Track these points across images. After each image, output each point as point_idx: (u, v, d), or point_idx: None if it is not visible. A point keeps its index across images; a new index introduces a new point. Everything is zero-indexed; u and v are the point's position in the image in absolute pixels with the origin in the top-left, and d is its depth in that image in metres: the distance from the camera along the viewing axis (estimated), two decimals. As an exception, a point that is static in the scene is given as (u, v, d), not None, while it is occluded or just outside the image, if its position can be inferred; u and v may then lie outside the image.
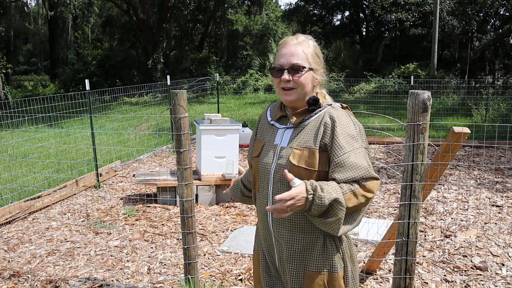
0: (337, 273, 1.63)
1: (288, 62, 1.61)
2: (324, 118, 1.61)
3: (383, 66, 21.14)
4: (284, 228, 1.64)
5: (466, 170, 6.26)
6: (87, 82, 5.63)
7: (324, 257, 1.63)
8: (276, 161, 1.64)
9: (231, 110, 13.44)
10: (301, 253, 1.64)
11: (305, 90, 1.63)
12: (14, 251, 3.89)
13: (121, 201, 5.21)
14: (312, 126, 1.62)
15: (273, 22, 36.57)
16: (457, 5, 20.35)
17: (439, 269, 3.35)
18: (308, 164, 1.57)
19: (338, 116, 1.60)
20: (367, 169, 1.55)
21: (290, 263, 1.66)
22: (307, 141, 1.59)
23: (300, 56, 1.61)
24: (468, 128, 2.09)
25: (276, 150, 1.66)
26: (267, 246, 1.75)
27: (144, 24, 23.10)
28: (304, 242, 1.63)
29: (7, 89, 17.20)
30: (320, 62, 1.67)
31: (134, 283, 3.27)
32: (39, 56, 47.23)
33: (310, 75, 1.63)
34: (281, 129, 1.70)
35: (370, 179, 1.55)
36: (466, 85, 14.03)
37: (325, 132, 1.58)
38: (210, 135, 5.00)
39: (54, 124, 8.42)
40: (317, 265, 1.63)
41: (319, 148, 1.58)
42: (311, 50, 1.64)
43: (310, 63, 1.63)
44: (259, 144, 1.75)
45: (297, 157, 1.58)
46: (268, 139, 1.72)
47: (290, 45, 1.63)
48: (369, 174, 1.55)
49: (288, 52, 1.62)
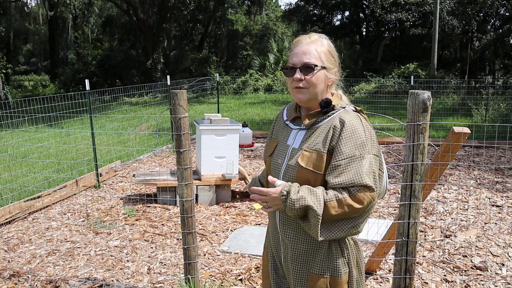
0: (341, 278, 1.61)
1: (300, 61, 1.59)
2: (334, 121, 1.59)
3: (383, 66, 21.15)
4: (290, 228, 1.65)
5: (466, 170, 6.26)
6: (87, 82, 5.63)
7: (328, 261, 1.61)
8: (287, 162, 1.64)
9: (231, 110, 13.44)
10: (306, 255, 1.64)
11: (317, 89, 1.61)
12: (14, 251, 3.89)
13: (121, 201, 5.21)
14: (323, 129, 1.60)
15: (273, 22, 36.59)
16: (457, 5, 20.35)
17: (439, 269, 3.35)
18: (316, 167, 1.56)
19: (348, 120, 1.56)
20: (360, 175, 1.49)
21: (294, 264, 1.66)
22: (317, 144, 1.58)
23: (312, 55, 1.59)
24: (468, 128, 2.09)
25: (288, 151, 1.66)
26: (275, 245, 1.76)
27: (144, 24, 23.09)
28: (308, 244, 1.63)
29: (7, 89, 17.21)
30: (334, 61, 1.64)
31: (134, 283, 3.27)
32: (39, 56, 47.23)
33: (323, 74, 1.60)
34: (294, 130, 1.69)
35: (363, 188, 1.49)
36: (466, 85, 14.03)
37: (333, 135, 1.56)
38: (210, 135, 5.01)
39: (54, 124, 8.43)
40: (321, 268, 1.62)
41: (328, 151, 1.56)
42: (325, 48, 1.62)
43: (323, 61, 1.60)
44: (273, 144, 1.75)
45: (305, 159, 1.58)
46: (281, 139, 1.72)
47: (303, 44, 1.62)
48: (360, 181, 1.48)
49: (301, 51, 1.61)
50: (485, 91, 11.72)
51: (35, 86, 28.56)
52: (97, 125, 8.65)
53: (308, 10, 26.58)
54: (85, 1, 26.94)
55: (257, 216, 4.64)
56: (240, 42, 34.18)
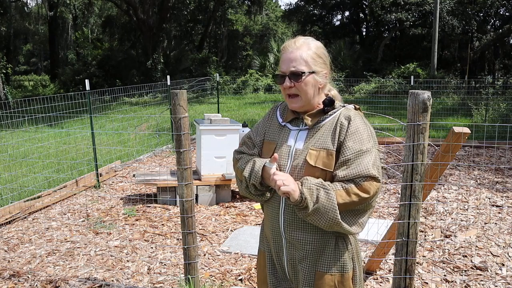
0: (347, 273, 1.65)
1: (287, 69, 1.62)
2: (339, 119, 1.62)
3: (383, 66, 21.16)
4: (298, 229, 1.64)
5: (466, 170, 6.26)
6: (87, 82, 5.63)
7: (336, 258, 1.64)
8: (291, 163, 1.63)
9: (231, 110, 13.44)
10: (314, 254, 1.65)
11: (308, 95, 1.63)
12: (14, 251, 3.89)
13: (121, 201, 5.21)
14: (328, 127, 1.63)
15: (273, 22, 36.60)
16: (457, 5, 20.35)
17: (439, 269, 3.35)
18: (325, 165, 1.58)
19: (353, 117, 1.61)
20: (367, 167, 1.53)
21: (303, 264, 1.67)
22: (324, 142, 1.60)
23: (298, 62, 1.60)
24: (468, 128, 2.09)
25: (291, 152, 1.65)
26: (276, 248, 1.74)
27: (144, 24, 23.09)
28: (317, 243, 1.64)
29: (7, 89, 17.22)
30: (322, 62, 1.65)
31: (134, 283, 3.27)
32: (39, 56, 47.21)
33: (312, 78, 1.62)
34: (294, 130, 1.69)
35: (368, 179, 1.53)
36: (466, 85, 14.02)
37: (340, 132, 1.59)
38: (210, 135, 5.01)
39: (54, 124, 8.42)
40: (329, 265, 1.64)
41: (336, 149, 1.59)
42: (311, 52, 1.63)
43: (310, 66, 1.61)
44: (271, 145, 1.72)
45: (313, 157, 1.59)
46: (280, 140, 1.70)
47: (289, 51, 1.63)
48: (367, 172, 1.53)
49: (287, 58, 1.63)
50: (485, 91, 11.71)
51: (35, 86, 28.57)
52: (97, 125, 8.64)
53: (308, 10, 26.59)
54: (85, 1, 26.90)
55: (257, 216, 4.64)
56: (240, 42, 34.20)
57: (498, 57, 23.25)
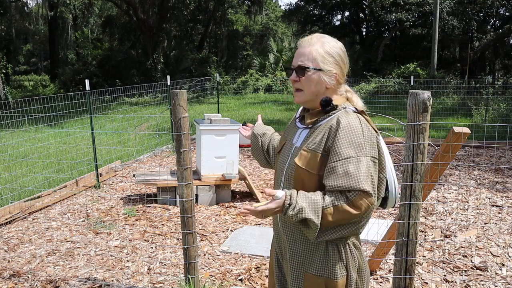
0: (337, 280, 1.59)
1: (296, 63, 1.62)
2: (331, 121, 1.57)
3: (383, 66, 21.17)
4: (289, 228, 1.65)
5: (466, 170, 6.26)
6: (87, 82, 5.63)
7: (325, 263, 1.60)
8: (289, 161, 1.65)
9: (231, 110, 13.44)
10: (303, 255, 1.64)
11: (311, 91, 1.61)
12: (14, 251, 3.89)
13: (121, 201, 5.21)
14: (321, 129, 1.59)
15: (273, 22, 36.62)
16: (457, 5, 20.36)
17: (439, 269, 3.35)
18: (310, 167, 1.56)
19: (345, 120, 1.53)
20: (357, 179, 1.46)
21: (292, 263, 1.67)
22: (314, 144, 1.58)
23: (306, 57, 1.59)
24: (468, 128, 2.09)
25: (292, 150, 1.67)
26: (278, 242, 1.78)
27: (144, 24, 23.09)
28: (306, 245, 1.63)
29: (7, 89, 17.22)
30: (333, 62, 1.60)
31: (134, 283, 3.27)
32: (39, 56, 47.22)
33: (317, 76, 1.59)
34: (300, 128, 1.70)
35: (360, 194, 1.47)
36: (466, 85, 14.02)
37: (329, 135, 1.54)
38: (210, 135, 5.01)
39: (54, 124, 8.43)
40: (318, 269, 1.61)
41: (323, 151, 1.54)
42: (322, 50, 1.59)
43: (318, 63, 1.58)
44: (282, 141, 1.78)
45: (302, 158, 1.58)
46: (289, 138, 1.73)
47: (302, 46, 1.63)
48: (358, 185, 1.46)
49: (299, 52, 1.63)
50: (485, 91, 11.71)
51: (35, 86, 28.56)
52: (97, 125, 8.65)
53: (308, 10, 26.61)
54: (85, 1, 26.90)
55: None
56: (240, 42, 34.20)
57: (498, 57, 23.25)
